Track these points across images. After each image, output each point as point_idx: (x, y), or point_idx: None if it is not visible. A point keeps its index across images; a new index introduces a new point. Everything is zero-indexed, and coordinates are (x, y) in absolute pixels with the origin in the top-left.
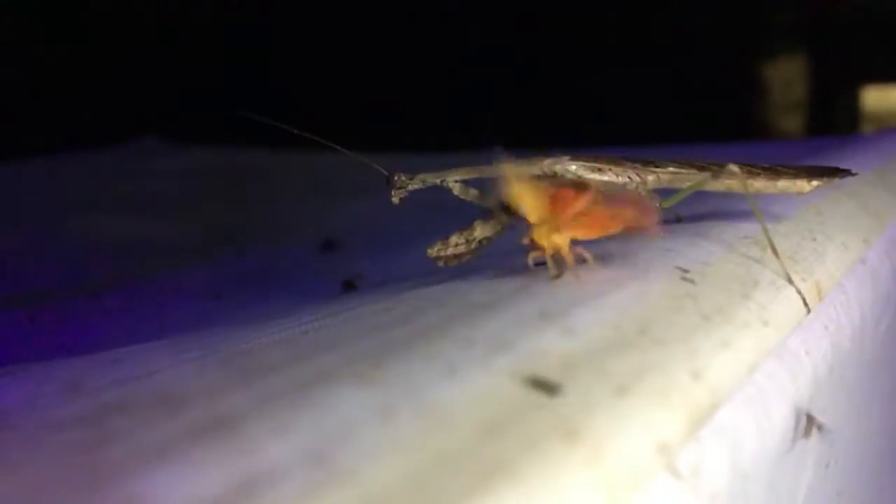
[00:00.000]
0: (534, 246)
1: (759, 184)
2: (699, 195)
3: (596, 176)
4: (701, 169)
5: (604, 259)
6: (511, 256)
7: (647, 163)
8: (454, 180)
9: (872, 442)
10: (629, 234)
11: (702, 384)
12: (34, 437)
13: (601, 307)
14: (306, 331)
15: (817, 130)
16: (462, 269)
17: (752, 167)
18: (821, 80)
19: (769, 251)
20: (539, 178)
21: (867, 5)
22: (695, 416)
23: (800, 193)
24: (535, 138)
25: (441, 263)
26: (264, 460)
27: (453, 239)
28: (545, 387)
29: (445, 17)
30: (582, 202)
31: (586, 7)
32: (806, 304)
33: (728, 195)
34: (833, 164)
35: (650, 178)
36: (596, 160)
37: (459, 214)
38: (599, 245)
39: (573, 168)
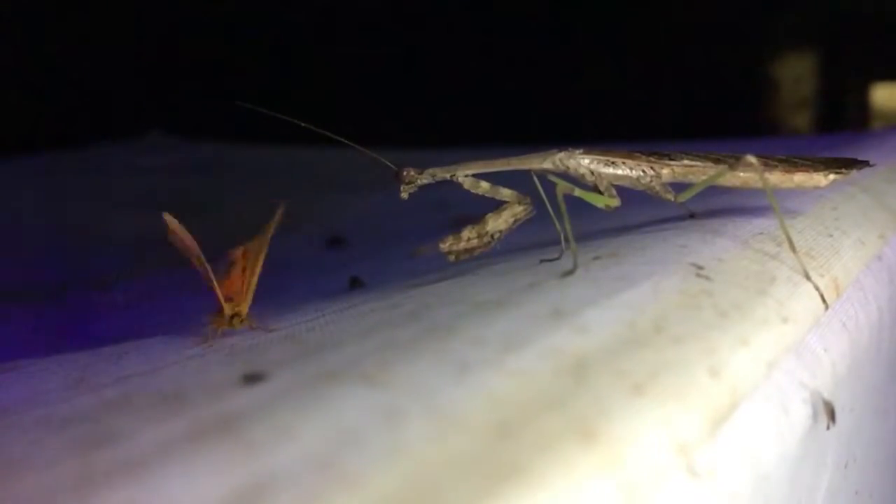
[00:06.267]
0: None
1: (776, 177)
2: (711, 191)
3: (609, 170)
4: (717, 161)
5: (616, 256)
6: (521, 253)
7: (662, 156)
8: (464, 174)
9: (891, 440)
10: None
11: (720, 382)
12: (35, 434)
13: (615, 305)
14: (312, 328)
15: (826, 127)
16: (470, 265)
17: (769, 159)
18: (830, 78)
19: (785, 247)
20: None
21: (877, 3)
22: (713, 415)
23: (816, 188)
24: (545, 134)
25: (452, 258)
26: (268, 464)
27: (465, 233)
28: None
29: (450, 13)
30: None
31: (595, 3)
32: (824, 300)
33: (739, 191)
34: None
35: (665, 171)
36: (609, 154)
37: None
38: (609, 242)
39: (586, 162)
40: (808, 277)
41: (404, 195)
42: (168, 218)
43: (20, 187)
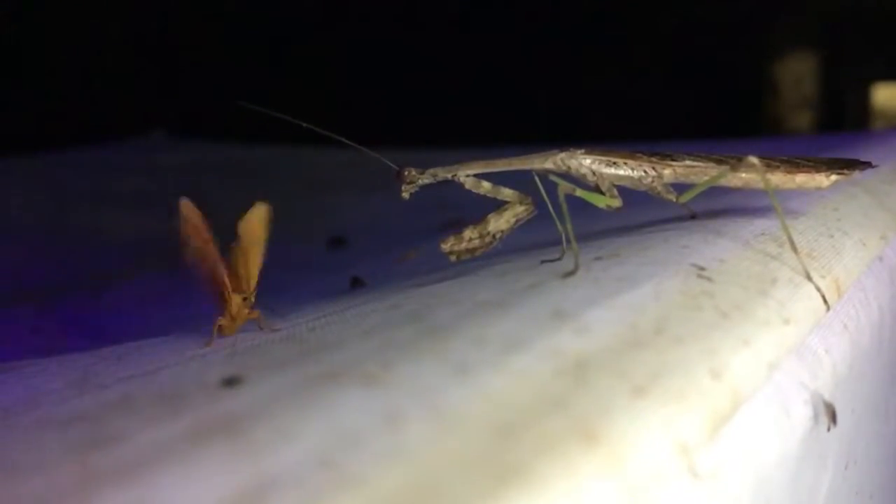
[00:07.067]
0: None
1: (778, 178)
2: (712, 191)
3: (611, 170)
4: (718, 162)
5: (617, 257)
6: (522, 253)
7: (664, 156)
8: (466, 175)
9: (892, 441)
10: None
11: (722, 384)
12: (35, 434)
13: (616, 306)
14: (313, 328)
15: (827, 128)
16: (471, 265)
17: (771, 159)
18: (832, 78)
19: (786, 247)
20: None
21: (877, 3)
22: (715, 417)
23: (818, 188)
24: (546, 134)
25: (454, 258)
26: (268, 465)
27: (467, 233)
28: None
29: (450, 13)
30: None
31: (596, 3)
32: (825, 301)
33: (741, 192)
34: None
35: (666, 171)
36: (610, 154)
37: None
38: (610, 243)
39: (587, 162)
40: (809, 278)
41: (405, 195)
42: (185, 205)
43: (20, 187)
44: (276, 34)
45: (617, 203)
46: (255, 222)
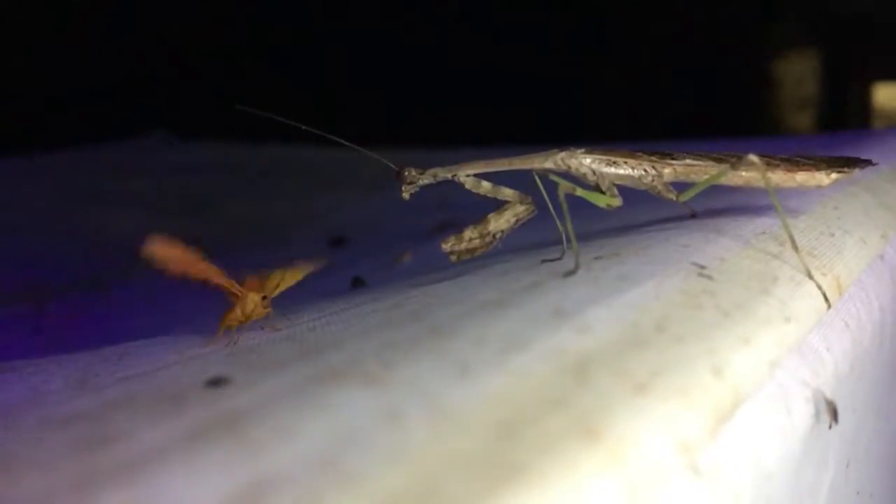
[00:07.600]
0: None
1: (778, 177)
2: (713, 191)
3: (611, 169)
4: (718, 161)
5: (618, 256)
6: (522, 252)
7: (664, 155)
8: (466, 174)
9: (893, 440)
10: None
11: (723, 381)
12: (36, 434)
13: (617, 305)
14: (313, 328)
15: (828, 127)
16: (471, 265)
17: (771, 158)
18: (832, 78)
19: (787, 246)
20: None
21: (878, 3)
22: (716, 414)
23: (819, 187)
24: (546, 133)
25: (454, 258)
26: (268, 464)
27: (467, 233)
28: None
29: (450, 13)
30: None
31: (596, 2)
32: (826, 299)
33: (741, 191)
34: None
35: (666, 170)
36: (610, 153)
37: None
38: (611, 242)
39: (587, 161)
40: (810, 276)
41: (406, 195)
42: (156, 244)
43: (20, 187)
44: (276, 34)
45: (617, 202)
46: (298, 275)
